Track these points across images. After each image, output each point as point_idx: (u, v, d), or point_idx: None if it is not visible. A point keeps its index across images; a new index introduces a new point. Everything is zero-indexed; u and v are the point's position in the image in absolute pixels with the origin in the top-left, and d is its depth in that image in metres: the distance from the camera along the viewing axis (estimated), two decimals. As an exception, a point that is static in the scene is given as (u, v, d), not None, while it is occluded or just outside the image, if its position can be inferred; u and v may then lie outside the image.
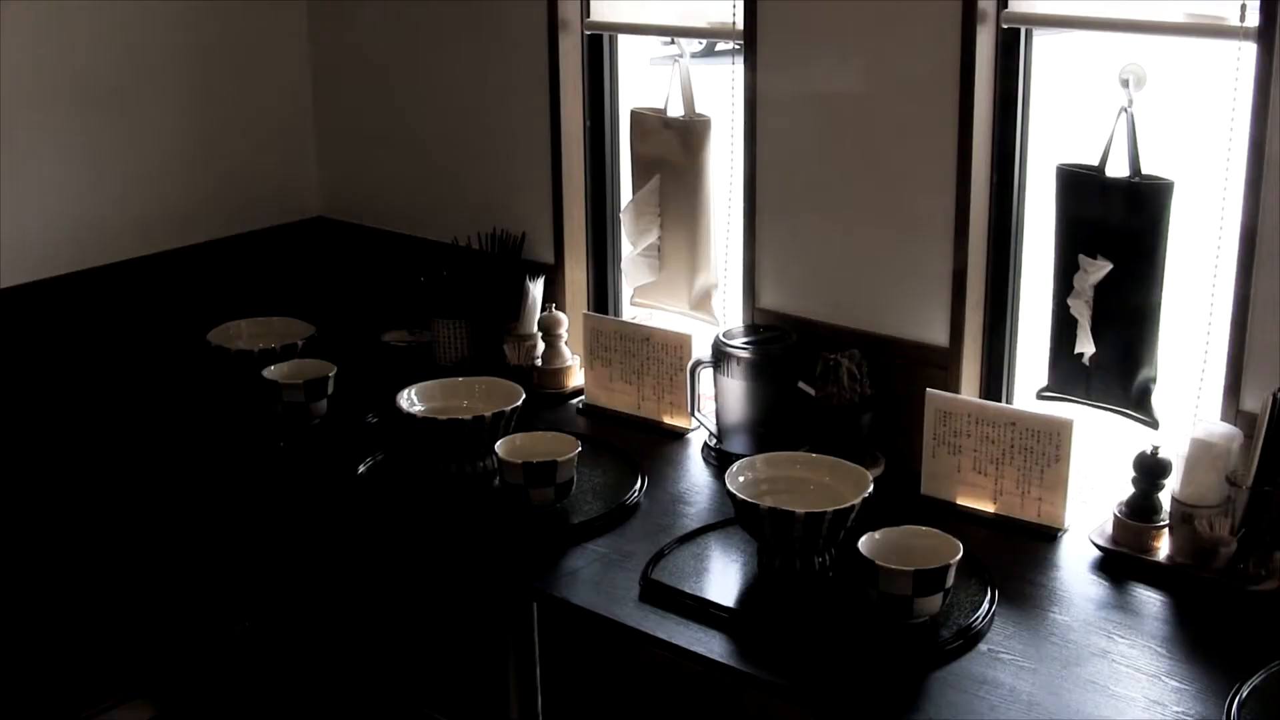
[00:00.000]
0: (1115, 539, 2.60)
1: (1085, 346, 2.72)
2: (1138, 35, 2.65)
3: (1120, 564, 2.56)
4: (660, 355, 3.21)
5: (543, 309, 3.45)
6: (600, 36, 3.46)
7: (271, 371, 3.22)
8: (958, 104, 2.80)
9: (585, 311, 3.49)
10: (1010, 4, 2.77)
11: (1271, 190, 2.46)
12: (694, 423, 3.16)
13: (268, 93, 3.95)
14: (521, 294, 3.46)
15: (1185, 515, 2.51)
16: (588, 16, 3.43)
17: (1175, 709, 2.14)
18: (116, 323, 3.62)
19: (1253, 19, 2.44)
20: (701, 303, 3.32)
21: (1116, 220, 2.64)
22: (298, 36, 4.00)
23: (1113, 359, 2.70)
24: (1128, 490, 2.61)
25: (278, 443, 3.16)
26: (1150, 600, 2.46)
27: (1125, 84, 2.61)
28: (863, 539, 2.39)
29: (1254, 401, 2.51)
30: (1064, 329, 2.76)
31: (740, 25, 3.10)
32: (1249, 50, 2.45)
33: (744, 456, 2.74)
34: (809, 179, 3.07)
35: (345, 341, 3.66)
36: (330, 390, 3.23)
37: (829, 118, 3.01)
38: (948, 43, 2.79)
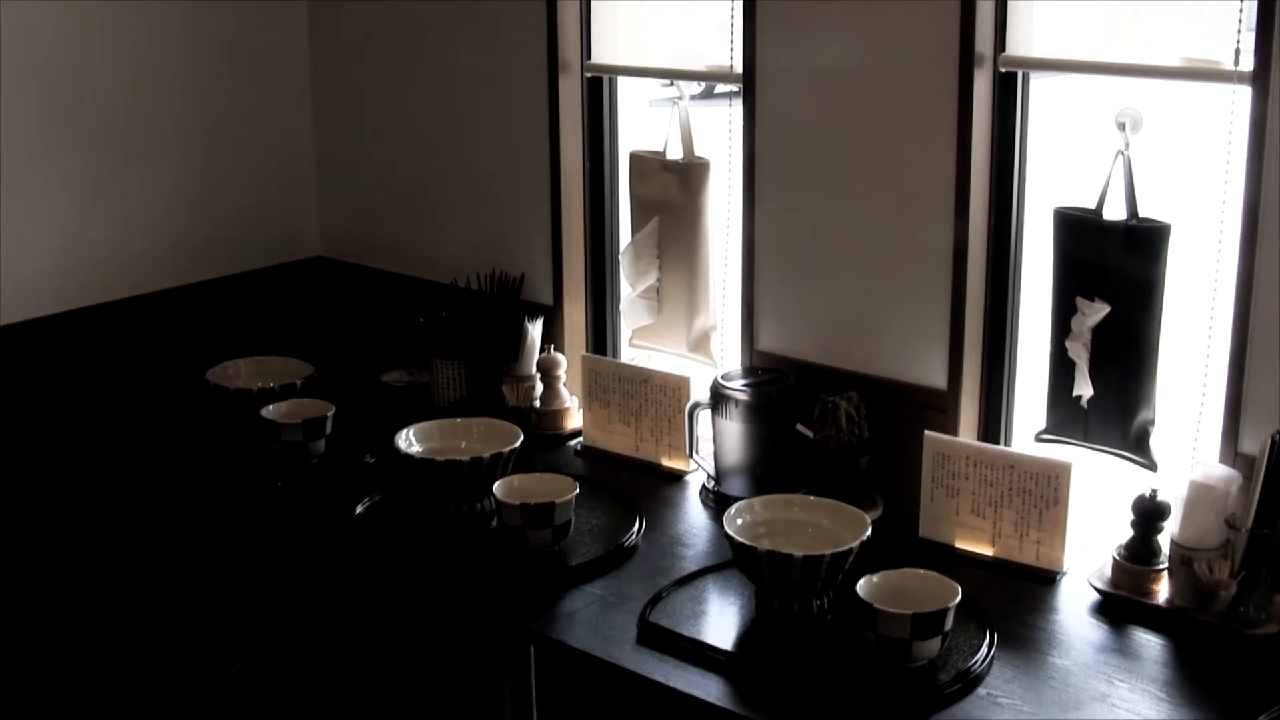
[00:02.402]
0: (1114, 582, 2.59)
1: (1083, 389, 2.72)
2: (1134, 79, 2.66)
3: (1119, 607, 2.56)
4: (659, 397, 3.21)
5: (541, 350, 3.45)
6: (600, 79, 3.47)
7: (270, 411, 3.22)
8: (955, 147, 2.81)
9: (584, 353, 3.49)
10: (1007, 47, 2.78)
11: (1268, 232, 2.47)
12: (692, 465, 3.16)
13: (269, 132, 3.97)
14: (520, 335, 3.46)
15: (1184, 558, 2.50)
16: (588, 59, 3.44)
17: (1174, 754, 2.13)
18: (116, 360, 3.63)
19: (1247, 63, 2.45)
20: (700, 344, 3.32)
21: (1114, 263, 2.65)
22: (299, 77, 4.01)
23: (1111, 401, 2.70)
24: (1127, 533, 2.61)
25: (275, 482, 3.16)
26: (1150, 644, 2.46)
27: (1122, 127, 2.62)
28: (861, 582, 2.39)
29: (1252, 444, 2.51)
30: (1062, 371, 2.76)
31: (739, 69, 3.11)
32: (1243, 94, 2.46)
33: (742, 499, 2.74)
34: (807, 221, 3.07)
35: (344, 381, 3.66)
36: (328, 430, 3.23)
37: (827, 161, 3.02)
38: (945, 85, 2.80)
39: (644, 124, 3.57)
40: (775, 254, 3.14)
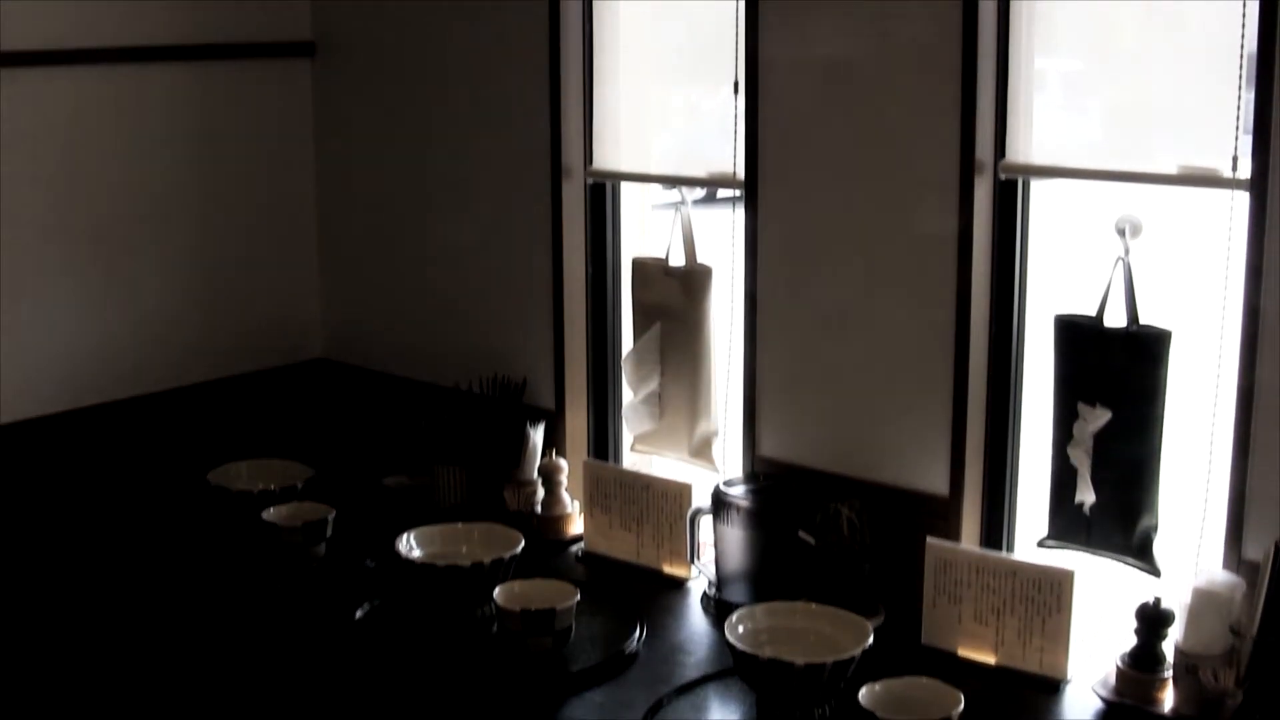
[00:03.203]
0: (1119, 690, 2.57)
1: (1085, 495, 2.71)
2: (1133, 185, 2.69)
3: (1124, 716, 2.53)
4: (660, 503, 3.20)
5: (543, 455, 3.45)
6: (603, 184, 3.50)
7: (270, 513, 3.22)
8: (956, 254, 2.82)
9: (586, 458, 3.49)
10: (1007, 155, 2.80)
11: (1268, 337, 2.47)
12: (693, 571, 3.14)
13: (272, 233, 4.00)
14: (522, 439, 3.46)
15: (1189, 666, 2.48)
16: (590, 165, 3.47)
17: None
18: (117, 460, 3.63)
19: (1245, 170, 2.47)
20: (701, 450, 3.31)
21: (1115, 369, 2.65)
22: (304, 179, 4.05)
23: (1113, 507, 2.69)
24: (1130, 640, 2.59)
25: (275, 585, 3.14)
26: (1155, 753, 2.43)
27: (1121, 233, 2.63)
28: (863, 690, 2.37)
29: (1256, 550, 2.50)
30: (1064, 477, 2.75)
31: (741, 175, 3.14)
32: (1241, 200, 2.47)
33: (743, 606, 2.72)
34: (810, 326, 3.08)
35: (345, 484, 3.65)
36: (329, 533, 3.22)
37: (829, 268, 3.03)
38: (946, 193, 2.82)
39: (647, 226, 3.59)
40: (777, 360, 3.15)
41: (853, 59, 2.94)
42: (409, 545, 3.00)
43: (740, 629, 2.59)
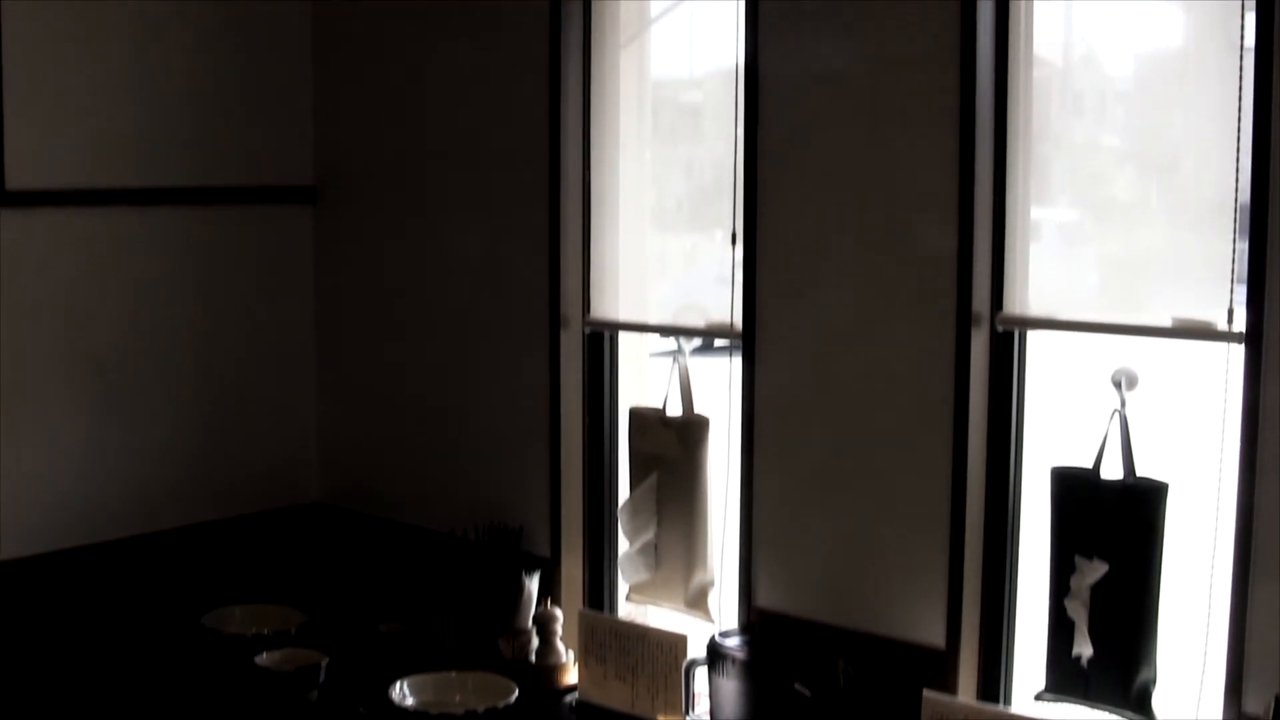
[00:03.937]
0: (1118, 847, 2.53)
1: (1083, 648, 2.70)
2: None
3: None
4: (655, 654, 3.18)
5: (538, 604, 3.43)
6: (600, 333, 3.52)
7: (263, 658, 3.20)
8: (953, 405, 2.83)
9: (581, 608, 3.46)
10: (1004, 307, 2.83)
11: (1266, 490, 2.48)
12: (688, 722, 3.12)
13: (271, 377, 4.01)
14: (517, 588, 3.44)
15: (1190, 823, 2.45)
16: (588, 314, 3.50)
17: None
18: (111, 601, 3.61)
19: (1240, 322, 2.49)
20: (697, 601, 3.30)
21: (1112, 522, 2.65)
22: (303, 323, 4.07)
23: (1111, 660, 2.67)
24: (1131, 795, 2.56)
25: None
26: None
27: (1118, 386, 2.65)
28: (859, 841, 2.34)
29: (1256, 703, 2.48)
30: (1061, 629, 2.74)
31: (739, 325, 3.16)
32: (1237, 353, 2.49)
33: (739, 756, 2.69)
34: (806, 479, 3.08)
35: (339, 630, 3.63)
36: (322, 679, 3.20)
37: (826, 420, 3.04)
38: (942, 343, 2.83)
39: (644, 372, 3.61)
40: (774, 511, 3.14)
41: (852, 212, 2.98)
42: (402, 693, 2.99)
43: (735, 779, 2.56)
